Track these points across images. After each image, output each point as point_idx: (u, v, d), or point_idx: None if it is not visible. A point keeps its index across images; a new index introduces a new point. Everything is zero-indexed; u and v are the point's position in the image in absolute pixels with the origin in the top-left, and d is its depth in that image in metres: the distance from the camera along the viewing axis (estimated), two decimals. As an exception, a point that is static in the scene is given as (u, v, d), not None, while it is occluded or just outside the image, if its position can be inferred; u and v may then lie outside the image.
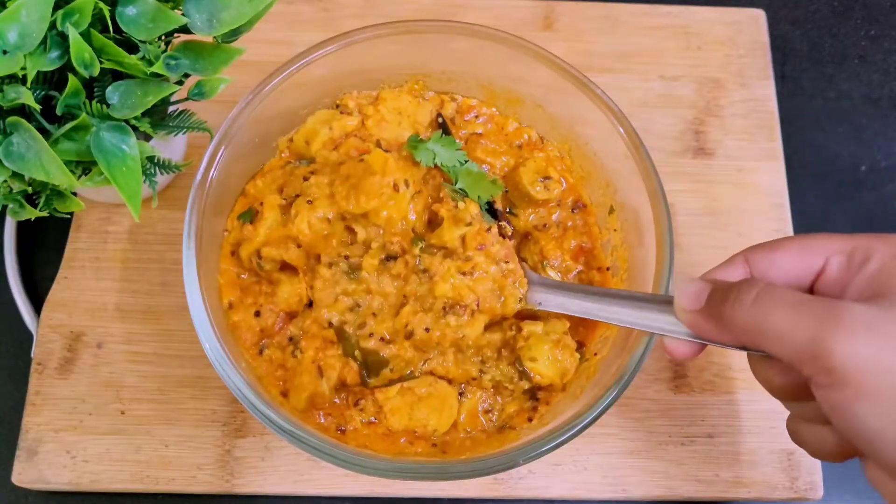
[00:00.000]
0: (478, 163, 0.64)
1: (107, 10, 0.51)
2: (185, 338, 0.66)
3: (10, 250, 0.71)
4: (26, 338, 0.68)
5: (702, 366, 0.68)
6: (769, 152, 0.77)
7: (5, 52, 0.48)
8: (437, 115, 0.66)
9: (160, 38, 0.53)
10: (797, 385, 0.45)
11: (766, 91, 0.80)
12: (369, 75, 0.66)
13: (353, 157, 0.60)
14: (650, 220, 0.58)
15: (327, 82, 0.65)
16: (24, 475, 0.62)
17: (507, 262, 0.57)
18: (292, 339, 0.58)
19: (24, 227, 0.72)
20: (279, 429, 0.51)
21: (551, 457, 0.60)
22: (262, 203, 0.60)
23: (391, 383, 0.57)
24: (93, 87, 0.53)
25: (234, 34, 0.56)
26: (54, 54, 0.50)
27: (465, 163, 0.61)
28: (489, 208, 0.61)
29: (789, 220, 0.74)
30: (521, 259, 0.60)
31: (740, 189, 0.75)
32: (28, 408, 0.64)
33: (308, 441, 0.51)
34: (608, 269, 0.63)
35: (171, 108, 0.61)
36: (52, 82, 0.52)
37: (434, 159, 0.60)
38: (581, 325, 0.61)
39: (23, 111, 0.51)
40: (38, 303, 0.69)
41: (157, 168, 0.60)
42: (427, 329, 0.55)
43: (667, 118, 0.78)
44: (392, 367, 0.56)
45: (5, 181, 0.52)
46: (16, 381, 0.67)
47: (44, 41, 0.49)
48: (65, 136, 0.52)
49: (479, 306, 0.56)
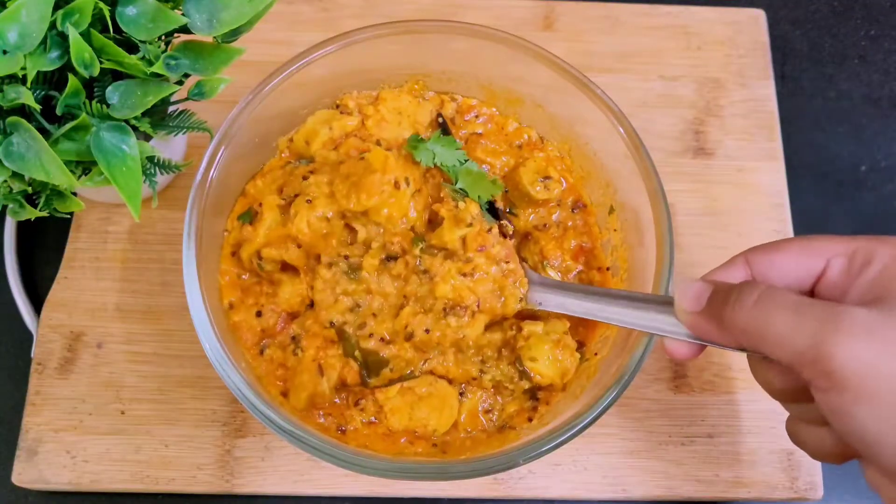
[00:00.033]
0: (478, 163, 0.64)
1: (107, 10, 0.51)
2: (185, 338, 0.66)
3: (10, 250, 0.71)
4: (26, 338, 0.68)
5: (702, 366, 0.68)
6: (769, 152, 0.77)
7: (5, 52, 0.48)
8: (437, 115, 0.66)
9: (160, 38, 0.53)
10: (797, 387, 0.45)
11: (766, 91, 0.80)
12: (369, 75, 0.66)
13: (353, 157, 0.60)
14: (650, 220, 0.58)
15: (327, 82, 0.65)
16: (24, 475, 0.62)
17: (508, 262, 0.57)
18: (294, 338, 0.58)
19: (24, 227, 0.72)
20: (279, 429, 0.51)
21: (551, 457, 0.60)
22: (260, 204, 0.60)
23: (391, 383, 0.57)
24: (93, 87, 0.53)
25: (234, 34, 0.56)
26: (54, 54, 0.50)
27: (465, 162, 0.61)
28: (490, 207, 0.61)
29: (789, 221, 0.74)
30: (521, 259, 0.60)
31: (740, 189, 0.75)
32: (28, 408, 0.64)
33: (308, 441, 0.51)
34: (608, 269, 0.63)
35: (171, 108, 0.61)
36: (52, 82, 0.52)
37: (434, 159, 0.60)
38: (581, 325, 0.61)
39: (23, 111, 0.51)
40: (38, 303, 0.69)
41: (157, 168, 0.60)
42: (427, 330, 0.55)
43: (667, 118, 0.78)
44: (392, 366, 0.56)
45: (5, 181, 0.52)
46: (16, 381, 0.67)
47: (44, 41, 0.49)
48: (65, 136, 0.52)
49: (479, 307, 0.56)
